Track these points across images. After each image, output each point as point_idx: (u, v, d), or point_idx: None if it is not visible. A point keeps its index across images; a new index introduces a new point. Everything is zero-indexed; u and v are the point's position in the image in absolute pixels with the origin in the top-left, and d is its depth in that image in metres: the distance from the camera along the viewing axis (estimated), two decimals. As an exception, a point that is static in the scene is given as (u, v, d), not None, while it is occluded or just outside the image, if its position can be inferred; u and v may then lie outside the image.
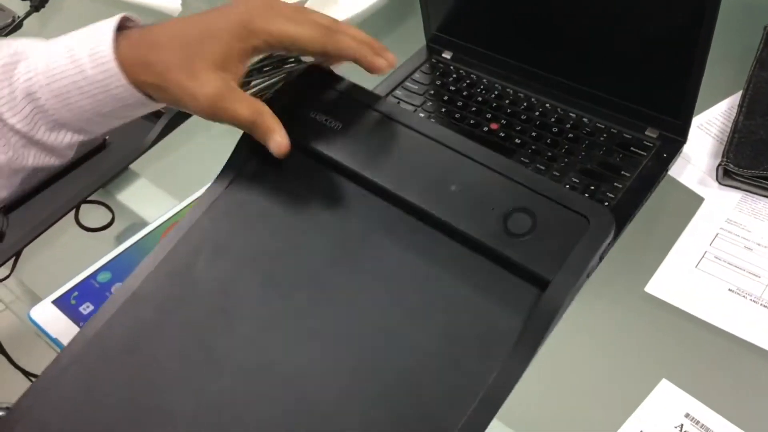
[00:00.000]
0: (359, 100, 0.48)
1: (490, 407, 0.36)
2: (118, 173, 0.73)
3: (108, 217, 0.70)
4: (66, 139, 0.47)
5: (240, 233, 0.45)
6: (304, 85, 0.50)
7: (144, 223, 0.68)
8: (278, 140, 0.45)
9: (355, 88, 0.48)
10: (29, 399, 0.41)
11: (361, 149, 0.45)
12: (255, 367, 0.40)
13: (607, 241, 0.39)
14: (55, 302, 0.60)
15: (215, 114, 0.46)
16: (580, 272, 0.38)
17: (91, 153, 0.74)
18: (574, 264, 0.38)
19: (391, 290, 0.41)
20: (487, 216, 0.40)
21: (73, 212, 0.70)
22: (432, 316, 0.39)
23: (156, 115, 0.76)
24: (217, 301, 0.43)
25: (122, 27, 0.46)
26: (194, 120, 0.79)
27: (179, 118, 0.77)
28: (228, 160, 0.50)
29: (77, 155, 0.73)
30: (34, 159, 0.47)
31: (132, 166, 0.74)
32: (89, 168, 0.74)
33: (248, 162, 0.48)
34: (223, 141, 0.78)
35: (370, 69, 0.48)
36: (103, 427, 0.40)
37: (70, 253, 0.68)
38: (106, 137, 0.75)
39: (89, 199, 0.71)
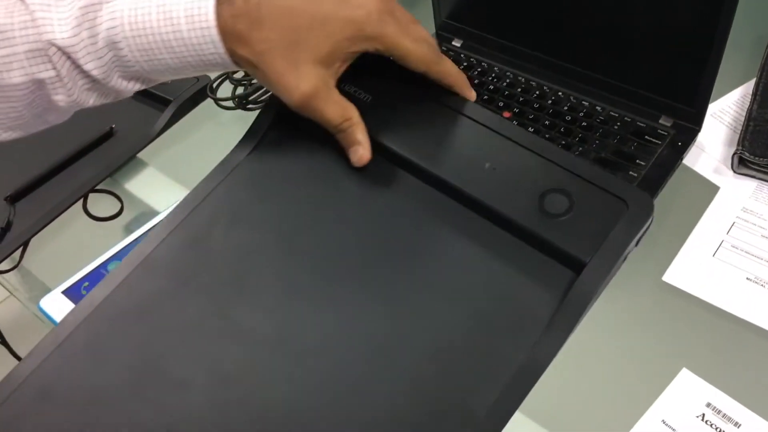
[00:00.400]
0: (390, 74, 0.46)
1: (518, 392, 0.35)
2: (126, 162, 0.72)
3: (117, 206, 0.69)
4: (135, 87, 0.47)
5: (262, 202, 0.44)
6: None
7: (153, 213, 0.67)
8: (360, 153, 0.44)
9: (387, 62, 0.46)
10: (31, 362, 0.39)
11: (391, 124, 0.43)
12: (276, 341, 0.38)
13: (646, 225, 0.38)
14: (65, 292, 0.60)
15: (303, 110, 0.44)
16: (617, 256, 0.37)
17: (98, 141, 0.73)
18: (611, 247, 0.37)
19: (419, 268, 0.40)
20: (522, 195, 0.39)
21: (81, 202, 0.69)
22: (462, 296, 0.38)
23: (164, 103, 0.75)
24: (234, 271, 0.41)
25: None
26: (203, 108, 0.78)
27: (187, 106, 0.76)
28: (251, 127, 0.48)
29: (83, 143, 0.73)
30: (95, 101, 0.47)
31: (140, 155, 0.73)
32: (96, 157, 0.73)
33: (271, 130, 0.46)
34: (233, 128, 0.77)
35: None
36: (110, 395, 0.38)
37: (79, 242, 0.67)
38: (113, 125, 0.74)
39: (97, 188, 0.70)
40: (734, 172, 0.67)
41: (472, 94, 0.48)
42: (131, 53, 0.43)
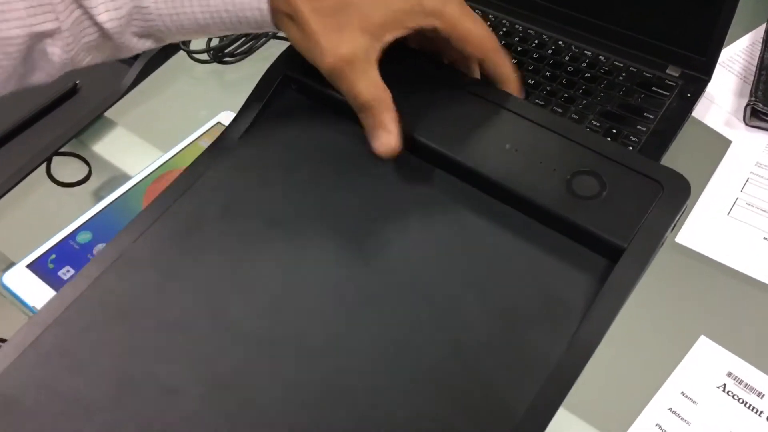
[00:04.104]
0: (405, 56, 0.42)
1: (559, 389, 0.31)
2: (93, 121, 0.66)
3: (84, 170, 0.63)
4: (146, 45, 0.41)
5: (262, 187, 0.39)
6: None
7: (125, 177, 0.61)
8: (385, 139, 0.38)
9: (403, 47, 0.42)
10: None
11: (405, 105, 0.39)
12: (279, 341, 0.34)
13: (684, 207, 0.35)
14: (30, 266, 0.54)
15: (334, 76, 0.39)
16: (657, 240, 0.34)
17: (60, 99, 0.67)
18: (650, 231, 0.34)
19: (441, 259, 0.36)
20: (548, 177, 0.35)
21: (44, 166, 0.63)
22: (490, 288, 0.34)
23: (132, 56, 0.69)
24: (230, 263, 0.37)
25: None
26: (175, 61, 0.72)
27: (158, 59, 0.70)
28: (248, 98, 0.43)
29: (44, 102, 0.66)
30: (92, 59, 0.41)
31: (107, 114, 0.67)
32: (59, 116, 0.66)
33: (273, 101, 0.42)
34: (208, 83, 0.72)
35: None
36: (87, 405, 0.33)
37: (44, 211, 0.62)
38: (77, 81, 0.68)
39: (61, 150, 0.64)
40: (746, 124, 0.63)
41: (522, 93, 0.43)
42: (155, 3, 0.39)
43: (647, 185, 0.35)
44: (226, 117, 0.64)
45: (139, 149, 0.65)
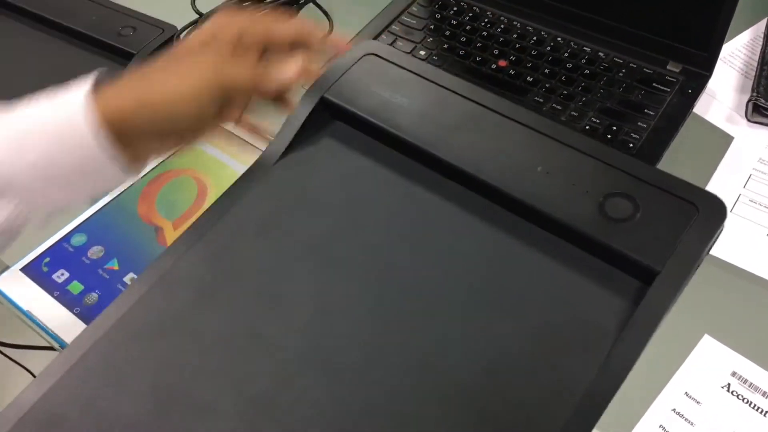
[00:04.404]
0: (428, 77, 0.42)
1: (592, 413, 0.31)
2: (87, 123, 0.65)
3: (78, 172, 0.62)
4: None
5: (297, 212, 0.39)
6: (370, 65, 0.43)
7: (120, 178, 0.61)
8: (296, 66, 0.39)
9: (422, 65, 0.43)
10: (40, 386, 0.36)
11: (432, 130, 0.39)
12: (313, 359, 0.34)
13: (720, 229, 0.34)
14: (24, 270, 0.54)
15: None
16: (692, 264, 0.33)
17: (54, 101, 0.66)
18: (684, 254, 0.33)
19: (474, 281, 0.35)
20: (580, 200, 0.35)
21: (38, 168, 0.62)
22: (522, 311, 0.34)
23: (126, 57, 0.68)
24: (264, 284, 0.37)
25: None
26: (169, 62, 0.71)
27: (152, 57, 0.69)
28: (283, 126, 0.43)
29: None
30: None
31: (102, 115, 0.67)
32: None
33: (304, 131, 0.42)
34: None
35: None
36: (129, 422, 0.34)
37: (38, 213, 0.61)
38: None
39: (55, 152, 0.63)
40: (748, 120, 0.62)
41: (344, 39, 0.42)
42: None
43: (682, 207, 0.34)
44: (222, 117, 0.64)
45: (134, 150, 0.64)
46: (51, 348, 0.52)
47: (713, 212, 0.34)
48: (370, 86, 0.41)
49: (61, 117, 0.37)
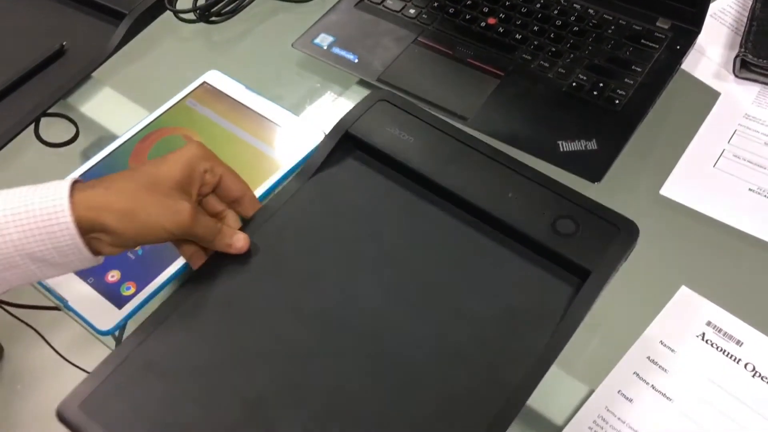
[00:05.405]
0: (428, 121, 0.55)
1: (544, 365, 0.43)
2: (80, 82, 0.66)
3: (71, 131, 0.64)
4: None
5: (326, 217, 0.52)
6: (383, 108, 0.56)
7: (112, 136, 0.62)
8: (240, 244, 0.49)
9: (424, 112, 0.55)
10: (136, 338, 0.46)
11: (435, 163, 0.52)
12: (343, 326, 0.46)
13: (632, 247, 0.47)
14: (19, 225, 0.55)
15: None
16: (612, 268, 0.46)
17: (47, 61, 0.67)
18: (608, 261, 0.46)
19: (457, 274, 0.49)
20: (539, 220, 0.49)
21: (32, 127, 0.63)
22: (495, 297, 0.47)
23: (118, 17, 0.69)
24: (305, 271, 0.49)
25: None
26: (162, 21, 0.71)
27: (144, 19, 0.70)
28: (311, 157, 0.55)
29: (31, 63, 0.67)
30: None
31: (94, 74, 0.67)
32: (47, 77, 0.67)
33: (332, 156, 0.54)
34: (195, 44, 0.72)
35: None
36: (207, 368, 0.45)
37: (33, 171, 0.63)
38: (64, 42, 0.68)
39: (49, 111, 0.64)
40: (736, 76, 0.62)
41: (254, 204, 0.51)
42: None
43: (608, 228, 0.48)
44: (213, 76, 0.64)
45: (125, 109, 0.65)
46: (56, 308, 0.54)
47: (630, 233, 0.48)
48: (384, 125, 0.54)
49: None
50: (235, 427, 0.43)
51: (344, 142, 0.54)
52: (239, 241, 0.48)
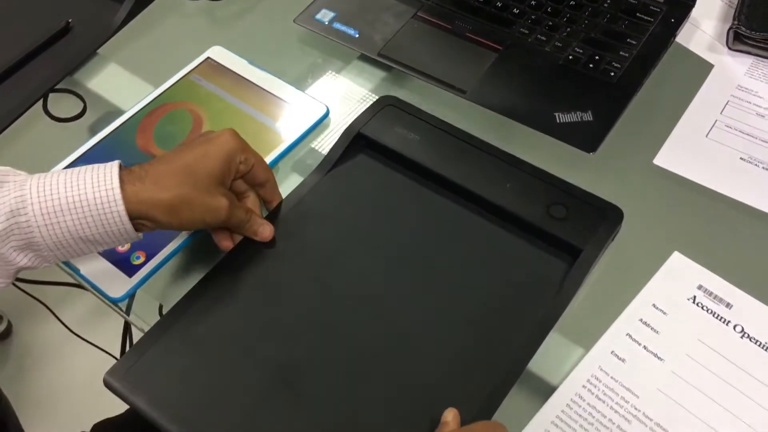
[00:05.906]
0: (431, 122, 0.60)
1: (544, 330, 0.49)
2: (86, 58, 0.67)
3: (79, 106, 0.65)
4: (25, 261, 0.46)
5: (343, 206, 0.57)
6: (391, 111, 0.61)
7: (119, 112, 0.63)
8: (266, 232, 0.53)
9: (428, 115, 0.60)
10: (179, 309, 0.50)
11: (440, 158, 0.58)
12: (361, 301, 0.51)
13: (618, 228, 0.53)
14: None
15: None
16: (602, 245, 0.52)
17: (54, 37, 0.68)
18: (596, 242, 0.52)
19: (463, 254, 0.54)
20: (535, 205, 0.54)
21: (40, 102, 0.65)
22: (498, 272, 0.52)
23: (122, -6, 0.70)
24: (326, 255, 0.54)
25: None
26: (164, 0, 0.73)
27: (148, -5, 0.71)
28: (327, 155, 0.59)
29: (38, 40, 0.68)
30: None
31: (101, 51, 0.69)
32: (54, 54, 0.68)
33: (345, 155, 0.59)
34: (199, 21, 0.73)
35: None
36: (244, 337, 0.50)
37: (41, 145, 0.64)
38: (70, 19, 0.69)
39: (57, 87, 0.66)
40: (729, 48, 0.64)
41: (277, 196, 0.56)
42: (34, 217, 0.44)
43: (596, 212, 0.53)
44: (216, 52, 0.66)
45: (131, 84, 0.67)
46: (65, 284, 0.55)
47: (615, 217, 0.53)
48: (392, 126, 0.59)
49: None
50: (269, 391, 0.47)
51: (357, 142, 0.59)
52: (265, 231, 0.53)
